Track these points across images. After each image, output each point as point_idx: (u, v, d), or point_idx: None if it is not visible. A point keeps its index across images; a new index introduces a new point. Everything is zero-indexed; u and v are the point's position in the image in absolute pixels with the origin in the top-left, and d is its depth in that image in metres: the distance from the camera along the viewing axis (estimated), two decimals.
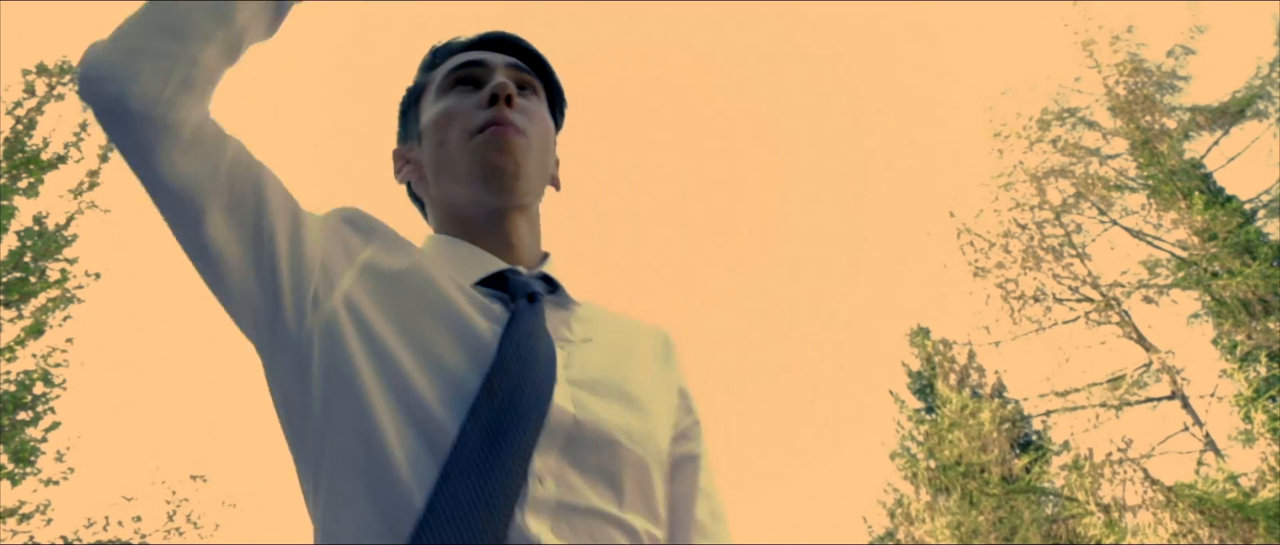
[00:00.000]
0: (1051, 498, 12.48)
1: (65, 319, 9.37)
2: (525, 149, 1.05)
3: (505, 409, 0.84)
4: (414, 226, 1.12)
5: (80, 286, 9.41)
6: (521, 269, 1.04)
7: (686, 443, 1.05)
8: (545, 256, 1.11)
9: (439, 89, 1.11)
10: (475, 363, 0.89)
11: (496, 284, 0.99)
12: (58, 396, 9.19)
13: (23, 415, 8.92)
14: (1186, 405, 11.28)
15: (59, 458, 9.19)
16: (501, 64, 1.11)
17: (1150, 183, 11.92)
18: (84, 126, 9.60)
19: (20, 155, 9.10)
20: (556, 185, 1.18)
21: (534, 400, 0.86)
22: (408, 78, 1.24)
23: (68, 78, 9.65)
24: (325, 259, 0.94)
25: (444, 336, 0.91)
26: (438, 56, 1.16)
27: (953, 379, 14.58)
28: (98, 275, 9.52)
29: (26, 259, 8.97)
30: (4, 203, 8.85)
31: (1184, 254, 11.50)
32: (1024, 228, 12.23)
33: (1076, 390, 11.85)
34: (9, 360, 8.89)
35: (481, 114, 1.05)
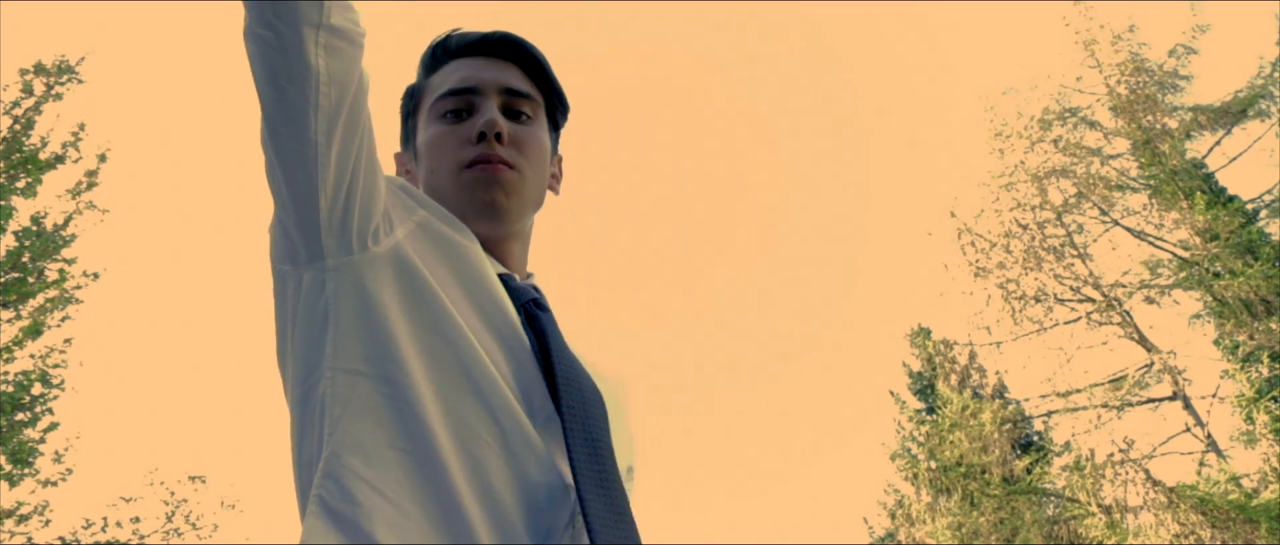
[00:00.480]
0: (1053, 499, 12.45)
1: (63, 319, 9.35)
2: (515, 183, 1.08)
3: (593, 424, 0.94)
4: None
5: (78, 287, 9.39)
6: (516, 277, 1.09)
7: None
8: (529, 276, 1.16)
9: (432, 110, 1.12)
10: (508, 344, 0.96)
11: None
12: (56, 397, 9.17)
13: (21, 416, 8.90)
14: (1188, 406, 11.26)
15: (57, 459, 9.17)
16: (495, 89, 1.11)
17: (1152, 183, 11.89)
18: (82, 126, 9.58)
19: (18, 155, 9.08)
20: (555, 191, 1.20)
21: (603, 424, 0.95)
22: (403, 76, 1.22)
23: (66, 77, 9.63)
24: (389, 204, 0.98)
25: (488, 305, 0.98)
26: (437, 56, 1.16)
27: (954, 380, 14.55)
28: (96, 275, 9.50)
29: (25, 259, 8.95)
30: (2, 203, 8.83)
31: (1186, 254, 11.47)
32: (1025, 228, 12.21)
33: (1078, 391, 11.83)
34: (7, 361, 8.87)
35: (470, 150, 1.07)
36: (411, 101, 1.18)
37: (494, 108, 1.09)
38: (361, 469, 0.83)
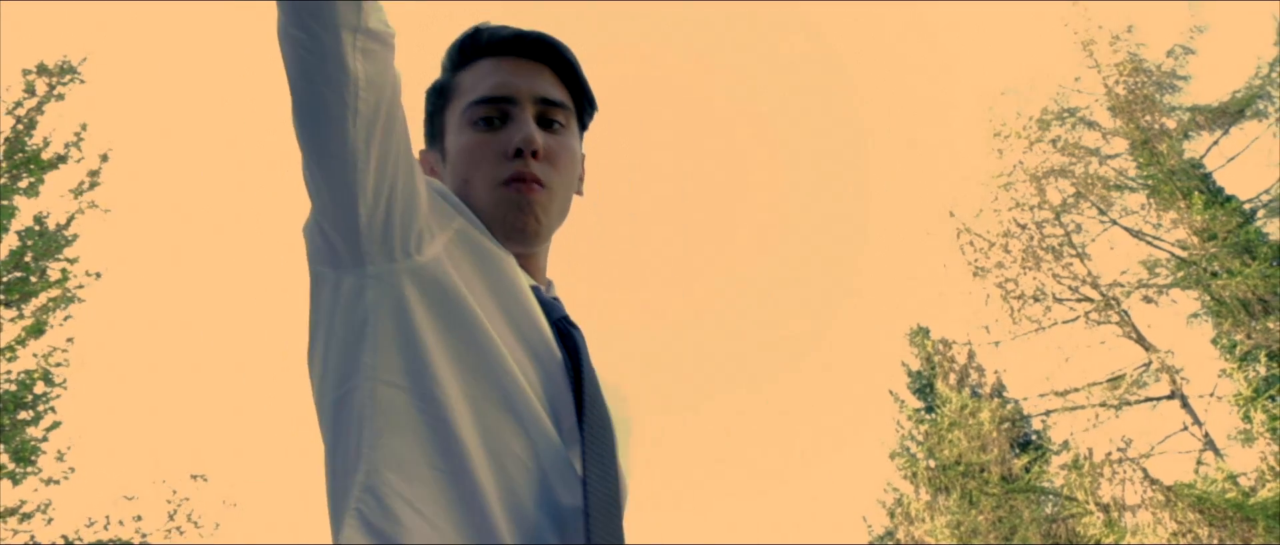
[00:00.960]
0: (1051, 497, 12.51)
1: (66, 319, 9.37)
2: (547, 203, 1.07)
3: (607, 450, 0.95)
4: None
5: (81, 286, 9.41)
6: (542, 289, 1.09)
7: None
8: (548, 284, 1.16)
9: (465, 115, 1.10)
10: (541, 360, 0.98)
11: None
12: (58, 396, 9.19)
13: (23, 415, 8.92)
14: (1186, 405, 11.30)
15: (60, 457, 9.19)
16: (530, 98, 1.09)
17: (1150, 182, 11.93)
18: (84, 126, 9.61)
19: (21, 155, 9.12)
20: (580, 192, 1.19)
21: (614, 447, 0.98)
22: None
23: (68, 78, 9.66)
24: (428, 210, 0.97)
25: (523, 321, 0.99)
26: (466, 52, 1.14)
27: (952, 379, 14.59)
28: (98, 275, 9.53)
29: (27, 259, 8.98)
30: (4, 202, 8.86)
31: (1184, 254, 11.50)
32: (1024, 227, 12.24)
33: (1076, 390, 11.87)
34: (10, 360, 8.89)
35: (506, 166, 1.06)
36: (438, 99, 1.16)
37: (530, 120, 1.08)
38: (401, 486, 0.85)
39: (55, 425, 9.14)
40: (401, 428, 0.87)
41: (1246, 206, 11.57)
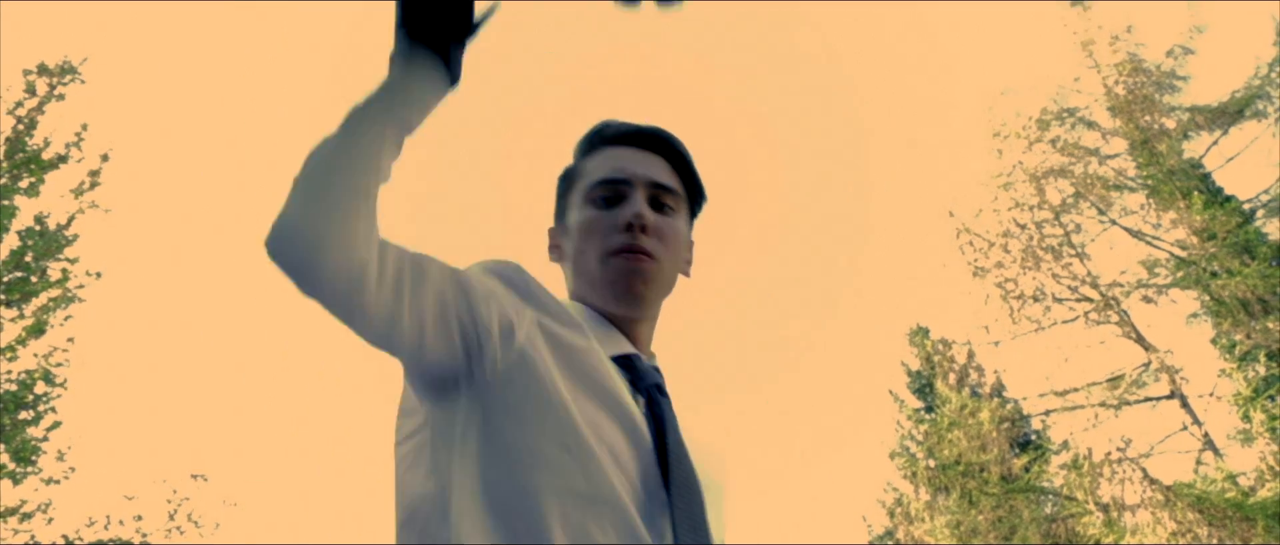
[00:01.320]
0: (1051, 497, 12.51)
1: (66, 319, 9.39)
2: (654, 274, 1.17)
3: (697, 516, 1.01)
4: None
5: (81, 286, 9.43)
6: (643, 357, 1.17)
7: None
8: (651, 355, 1.23)
9: (587, 195, 1.21)
10: (630, 436, 1.03)
11: (623, 365, 1.12)
12: (59, 396, 9.21)
13: (24, 414, 8.94)
14: (1185, 404, 11.30)
15: (60, 457, 9.20)
16: (644, 182, 1.20)
17: (1149, 182, 11.94)
18: (85, 126, 9.63)
19: (21, 155, 9.14)
20: (687, 274, 1.28)
21: (703, 510, 1.03)
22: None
23: (69, 78, 9.68)
24: (501, 321, 1.01)
25: (606, 398, 1.04)
26: (593, 143, 1.27)
27: (952, 378, 14.58)
28: (98, 275, 9.54)
29: (28, 259, 9.00)
30: (5, 202, 8.89)
31: (1183, 254, 11.51)
32: (1023, 227, 12.25)
33: (1075, 390, 11.87)
34: (10, 360, 8.91)
35: (617, 237, 1.16)
36: (566, 183, 1.27)
37: (641, 199, 1.19)
38: None
39: (55, 425, 9.15)
40: (486, 530, 0.93)
41: (1246, 206, 11.58)
